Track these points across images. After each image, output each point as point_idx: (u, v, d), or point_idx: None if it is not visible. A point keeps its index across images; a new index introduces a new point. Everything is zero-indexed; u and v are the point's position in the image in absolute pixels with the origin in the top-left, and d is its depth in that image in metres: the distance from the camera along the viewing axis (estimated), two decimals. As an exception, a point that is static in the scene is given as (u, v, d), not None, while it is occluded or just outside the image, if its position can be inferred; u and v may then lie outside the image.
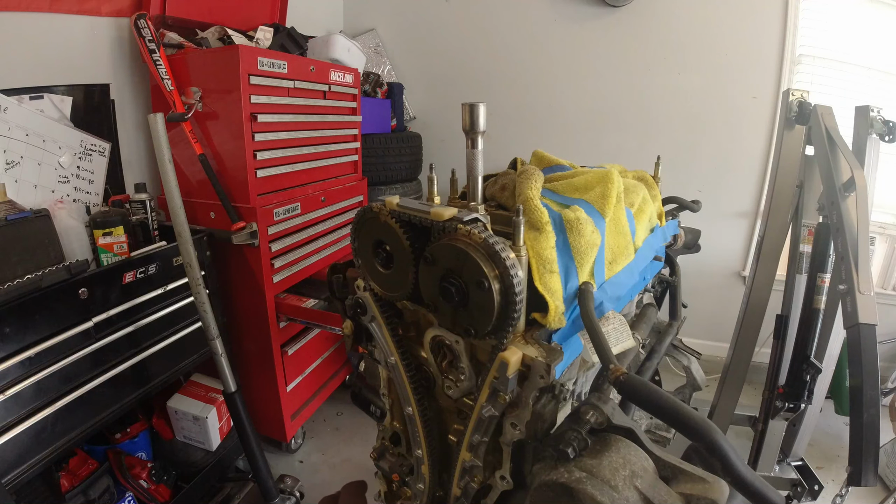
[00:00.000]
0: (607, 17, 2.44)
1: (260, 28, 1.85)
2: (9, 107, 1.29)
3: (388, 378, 0.76)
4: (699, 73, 2.37)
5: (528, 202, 0.59)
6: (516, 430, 0.58)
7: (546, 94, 2.64)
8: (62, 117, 1.43)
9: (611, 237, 0.72)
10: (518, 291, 0.49)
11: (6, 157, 1.30)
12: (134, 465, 1.44)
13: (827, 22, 2.21)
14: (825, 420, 2.13)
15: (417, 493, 0.76)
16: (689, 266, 1.24)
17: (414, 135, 2.59)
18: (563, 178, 0.78)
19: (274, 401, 1.81)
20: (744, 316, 1.55)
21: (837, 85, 2.25)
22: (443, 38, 2.73)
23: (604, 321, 0.63)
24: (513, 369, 0.54)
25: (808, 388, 1.46)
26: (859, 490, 1.40)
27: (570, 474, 0.48)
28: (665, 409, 0.49)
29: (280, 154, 1.66)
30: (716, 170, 2.47)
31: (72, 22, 1.46)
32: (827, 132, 1.33)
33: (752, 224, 2.51)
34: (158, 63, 1.51)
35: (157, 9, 1.62)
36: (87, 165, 1.50)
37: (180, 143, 1.56)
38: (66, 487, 1.25)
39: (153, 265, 1.32)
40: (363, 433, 2.09)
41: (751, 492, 0.45)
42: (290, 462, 1.96)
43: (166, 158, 1.21)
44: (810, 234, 1.46)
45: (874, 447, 1.00)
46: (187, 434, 1.61)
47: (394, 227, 0.56)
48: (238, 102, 1.48)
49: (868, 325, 1.04)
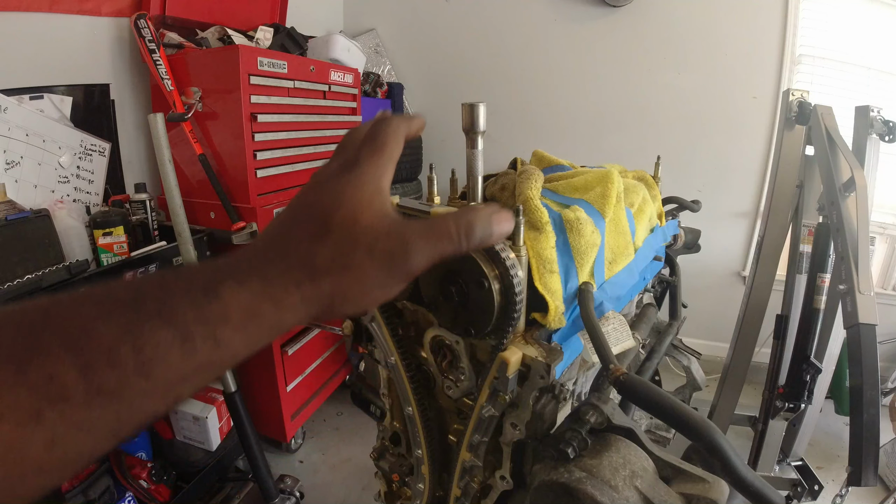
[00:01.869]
0: (607, 17, 2.44)
1: (260, 28, 1.85)
2: (9, 107, 1.29)
3: (388, 378, 0.76)
4: (699, 73, 2.37)
5: (528, 202, 0.59)
6: (516, 430, 0.58)
7: (546, 94, 2.64)
8: (62, 117, 1.43)
9: (611, 237, 0.72)
10: (518, 291, 0.49)
11: (6, 157, 1.30)
12: (134, 465, 1.44)
13: (827, 22, 2.21)
14: (825, 420, 2.13)
15: (417, 493, 0.76)
16: (689, 266, 1.24)
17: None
18: (563, 178, 0.78)
19: (274, 401, 1.81)
20: (744, 316, 1.55)
21: (837, 85, 2.25)
22: (443, 38, 2.73)
23: (604, 321, 0.63)
24: (513, 369, 0.53)
25: (808, 388, 1.46)
26: (859, 490, 1.40)
27: (570, 474, 0.48)
28: (665, 409, 0.49)
29: (280, 154, 1.66)
30: (716, 170, 2.47)
31: (72, 22, 1.46)
32: (827, 132, 1.33)
33: (752, 224, 2.51)
34: (158, 63, 1.51)
35: (157, 9, 1.62)
36: (87, 165, 1.50)
37: (180, 143, 1.56)
38: (65, 487, 1.25)
39: (153, 265, 1.32)
40: (363, 433, 2.09)
41: (751, 492, 0.45)
42: (290, 462, 1.96)
43: (166, 158, 1.21)
44: (810, 234, 1.46)
45: (874, 447, 1.00)
46: (187, 434, 1.61)
47: (394, 227, 0.56)
48: (238, 102, 1.48)
49: (868, 325, 1.04)
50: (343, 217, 0.29)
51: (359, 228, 0.29)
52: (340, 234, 0.29)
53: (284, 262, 0.28)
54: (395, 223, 0.30)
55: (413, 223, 0.31)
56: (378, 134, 0.34)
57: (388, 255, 0.29)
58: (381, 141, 0.33)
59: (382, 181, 0.32)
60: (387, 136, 0.34)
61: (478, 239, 0.32)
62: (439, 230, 0.31)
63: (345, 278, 0.29)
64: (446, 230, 0.31)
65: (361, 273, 0.29)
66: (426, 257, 0.30)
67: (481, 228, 0.32)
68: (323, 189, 0.31)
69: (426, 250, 0.30)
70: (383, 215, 0.30)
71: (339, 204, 0.29)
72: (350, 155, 0.33)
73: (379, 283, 0.30)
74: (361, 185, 0.31)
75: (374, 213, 0.30)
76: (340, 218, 0.29)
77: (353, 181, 0.31)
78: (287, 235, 0.29)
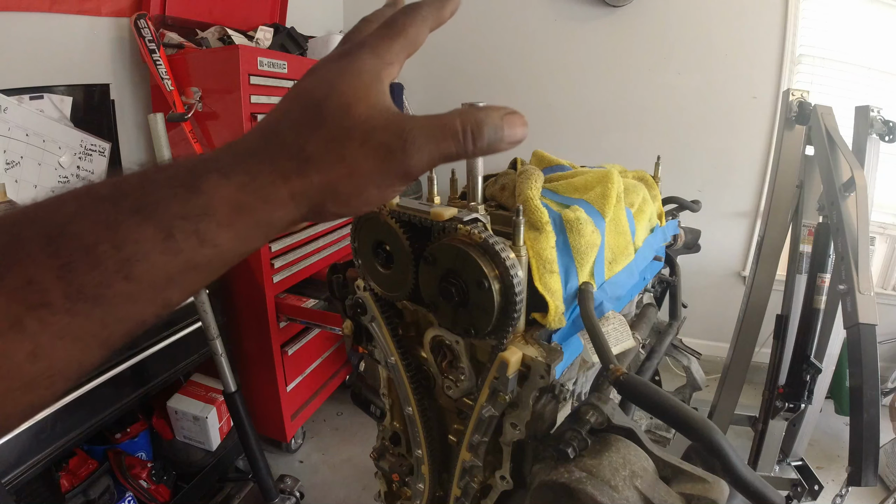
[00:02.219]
0: (607, 17, 2.44)
1: (260, 28, 1.84)
2: (9, 107, 1.29)
3: (388, 378, 0.77)
4: (699, 73, 2.37)
5: (528, 202, 0.59)
6: (516, 430, 0.58)
7: (546, 94, 2.64)
8: (62, 117, 1.43)
9: (611, 237, 0.72)
10: (518, 291, 0.49)
11: (6, 157, 1.30)
12: (134, 465, 1.44)
13: (827, 22, 2.21)
14: (825, 420, 2.13)
15: (417, 493, 0.76)
16: (689, 266, 1.24)
17: (414, 135, 2.59)
18: (563, 178, 0.78)
19: (274, 401, 1.80)
20: (744, 316, 1.55)
21: (837, 85, 2.25)
22: (443, 38, 2.72)
23: (604, 321, 0.63)
24: (513, 369, 0.54)
25: (808, 388, 1.46)
26: (859, 490, 1.40)
27: (570, 474, 0.48)
28: (665, 409, 0.49)
29: (280, 154, 1.66)
30: (716, 170, 2.47)
31: (72, 22, 1.46)
32: (827, 132, 1.32)
33: (752, 224, 2.51)
34: (158, 63, 1.51)
35: (157, 9, 1.62)
36: (87, 165, 1.50)
37: (180, 143, 1.56)
38: (66, 487, 1.25)
39: (153, 265, 1.32)
40: (363, 433, 2.09)
41: (751, 492, 0.45)
42: (290, 462, 1.96)
43: (166, 158, 1.21)
44: (810, 234, 1.46)
45: (874, 447, 1.00)
46: (187, 434, 1.61)
47: (394, 227, 0.56)
48: (238, 102, 1.48)
49: (868, 325, 1.04)
50: (335, 105, 0.27)
51: (353, 118, 0.27)
52: (332, 124, 0.26)
53: (271, 154, 0.26)
54: (394, 115, 0.28)
55: (415, 117, 0.28)
56: (397, 20, 0.30)
57: (385, 150, 0.27)
58: (400, 27, 0.30)
59: (384, 72, 0.29)
60: (405, 24, 0.30)
61: (486, 141, 0.29)
62: (444, 127, 0.28)
63: (336, 171, 0.26)
64: (452, 127, 0.28)
65: (354, 166, 0.26)
66: (427, 156, 0.27)
67: (492, 129, 0.29)
68: (316, 75, 0.28)
69: (427, 148, 0.27)
70: (381, 106, 0.28)
71: (332, 90, 0.27)
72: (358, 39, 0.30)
73: (374, 180, 0.27)
74: (358, 72, 0.28)
75: (370, 104, 0.27)
76: (332, 106, 0.27)
77: (349, 67, 0.28)
78: (276, 126, 0.27)
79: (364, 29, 0.32)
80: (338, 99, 0.27)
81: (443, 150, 0.28)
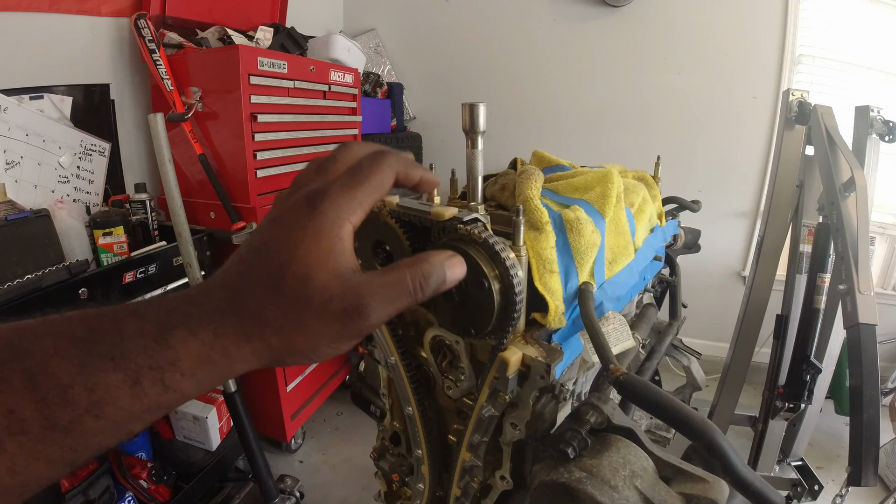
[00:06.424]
0: (607, 18, 2.44)
1: (260, 28, 1.85)
2: (9, 107, 1.29)
3: (388, 378, 0.76)
4: (699, 73, 2.38)
5: (528, 202, 0.59)
6: (516, 430, 0.58)
7: (546, 94, 2.64)
8: (62, 117, 1.43)
9: (611, 237, 0.72)
10: (518, 291, 0.49)
11: (6, 157, 1.30)
12: (134, 465, 1.44)
13: (827, 22, 2.21)
14: (825, 420, 2.13)
15: (417, 493, 0.76)
16: (689, 266, 1.24)
17: (414, 135, 2.59)
18: (563, 178, 0.78)
19: (274, 401, 1.81)
20: (744, 316, 1.55)
21: (837, 85, 2.25)
22: (443, 38, 2.73)
23: (604, 321, 0.63)
24: (513, 369, 0.53)
25: (808, 388, 1.46)
26: (859, 490, 1.40)
27: (570, 474, 0.48)
28: (665, 409, 0.49)
29: (280, 154, 1.66)
30: (716, 170, 2.47)
31: (72, 22, 1.46)
32: (827, 132, 1.33)
33: (752, 224, 2.51)
34: (158, 63, 1.51)
35: (157, 9, 1.62)
36: (87, 165, 1.50)
37: (180, 143, 1.56)
38: (66, 487, 1.25)
39: (153, 265, 1.32)
40: (363, 433, 2.09)
41: (751, 492, 0.45)
42: (290, 462, 1.96)
43: (166, 158, 1.21)
44: (810, 234, 1.46)
45: (874, 447, 1.00)
46: (187, 434, 1.61)
47: (394, 226, 0.56)
48: (238, 102, 1.48)
49: (868, 325, 1.04)
50: (295, 274, 0.28)
51: (312, 287, 0.28)
52: (292, 292, 0.28)
53: (236, 316, 0.28)
54: (349, 283, 0.29)
55: (369, 280, 0.30)
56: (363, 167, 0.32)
57: (342, 316, 0.29)
58: (364, 175, 0.31)
59: (344, 228, 0.30)
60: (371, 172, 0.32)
61: (433, 287, 0.32)
62: (397, 286, 0.31)
63: (294, 336, 0.29)
64: (404, 286, 0.31)
65: (311, 333, 0.29)
66: (382, 315, 0.30)
67: (437, 278, 0.33)
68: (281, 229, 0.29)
69: (382, 308, 0.30)
70: (337, 273, 0.29)
71: (293, 257, 0.28)
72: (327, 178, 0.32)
73: (329, 341, 0.30)
74: (319, 234, 0.29)
75: (328, 269, 0.29)
76: (292, 275, 0.28)
77: (311, 226, 0.29)
78: (241, 286, 0.29)
79: (341, 158, 0.33)
80: (298, 268, 0.28)
81: (397, 307, 0.31)
